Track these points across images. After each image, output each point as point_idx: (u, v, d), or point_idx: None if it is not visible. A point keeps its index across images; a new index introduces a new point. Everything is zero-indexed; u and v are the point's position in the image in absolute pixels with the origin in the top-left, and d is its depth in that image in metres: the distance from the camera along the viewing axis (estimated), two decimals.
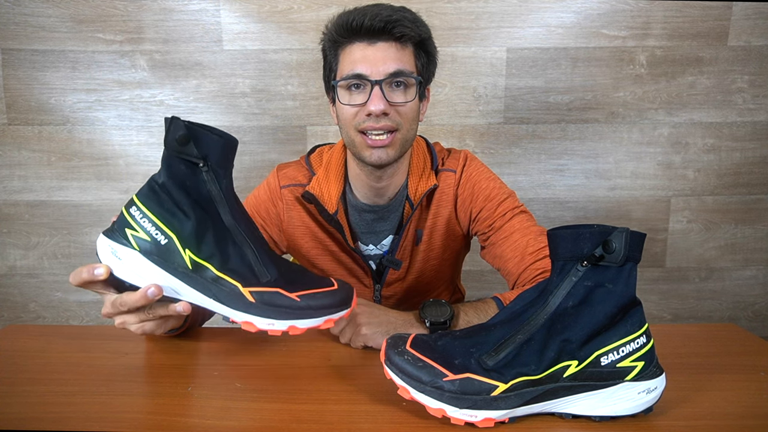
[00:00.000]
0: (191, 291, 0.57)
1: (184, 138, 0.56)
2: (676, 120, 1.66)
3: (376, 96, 0.80)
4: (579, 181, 1.69)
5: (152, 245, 0.57)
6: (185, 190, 0.57)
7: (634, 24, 1.59)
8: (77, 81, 1.60)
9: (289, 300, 0.56)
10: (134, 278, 0.58)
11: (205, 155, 0.57)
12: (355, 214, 0.95)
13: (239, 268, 0.57)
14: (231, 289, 0.56)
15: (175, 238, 0.56)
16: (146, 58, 1.59)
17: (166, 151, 0.58)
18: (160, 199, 0.57)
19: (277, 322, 0.56)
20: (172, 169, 0.57)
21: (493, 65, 1.61)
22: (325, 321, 0.58)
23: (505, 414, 0.52)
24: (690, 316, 1.77)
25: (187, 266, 0.57)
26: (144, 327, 0.62)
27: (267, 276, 0.57)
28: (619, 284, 0.53)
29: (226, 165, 0.60)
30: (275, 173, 0.97)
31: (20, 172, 1.66)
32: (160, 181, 0.58)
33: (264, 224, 0.96)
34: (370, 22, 0.79)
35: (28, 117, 1.62)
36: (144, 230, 0.57)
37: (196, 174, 0.58)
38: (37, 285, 1.73)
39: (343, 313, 0.60)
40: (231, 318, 0.57)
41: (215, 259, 0.57)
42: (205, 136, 0.57)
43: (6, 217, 1.68)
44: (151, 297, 0.56)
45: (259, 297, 0.56)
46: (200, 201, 0.58)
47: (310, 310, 0.57)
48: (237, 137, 0.62)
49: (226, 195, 0.59)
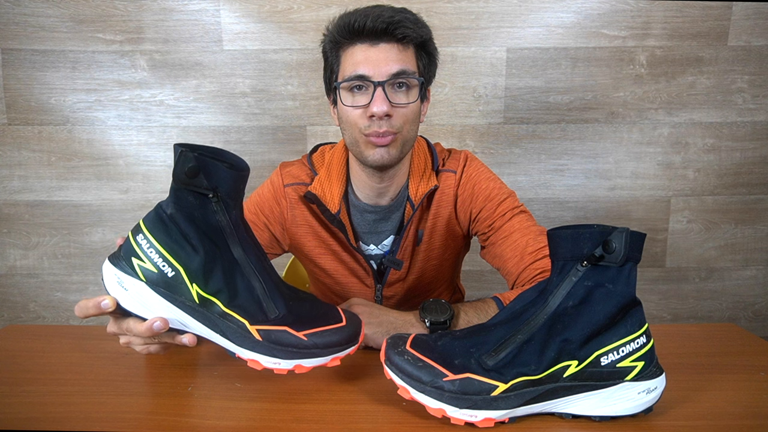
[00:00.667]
0: (198, 325, 0.57)
1: (194, 170, 0.54)
2: (676, 120, 1.66)
3: (379, 97, 0.80)
4: (579, 181, 1.69)
5: (159, 277, 0.56)
6: (194, 222, 0.56)
7: (634, 24, 1.59)
8: (77, 81, 1.60)
9: (296, 339, 0.56)
10: (140, 310, 0.57)
11: (215, 186, 0.56)
12: (357, 215, 0.95)
13: (247, 304, 0.56)
14: (238, 325, 0.56)
15: (183, 272, 0.55)
16: (146, 58, 1.59)
17: (174, 183, 0.56)
18: (168, 230, 0.56)
19: (283, 362, 0.56)
20: (181, 201, 0.56)
21: (493, 65, 1.61)
22: (332, 359, 0.58)
23: (505, 414, 0.52)
24: (690, 316, 1.77)
25: (195, 300, 0.56)
26: (149, 349, 0.62)
27: (275, 312, 0.57)
28: (619, 284, 0.53)
29: (237, 195, 0.59)
30: (279, 171, 0.97)
31: (20, 172, 1.66)
32: (168, 212, 0.56)
33: (267, 222, 0.96)
34: (372, 24, 0.79)
35: (28, 117, 1.62)
36: (151, 261, 0.55)
37: (205, 204, 0.56)
38: (37, 285, 1.73)
39: (349, 350, 0.59)
40: (237, 354, 0.57)
41: (223, 294, 0.56)
42: (216, 167, 0.56)
43: (6, 217, 1.68)
44: (156, 330, 0.56)
45: (266, 335, 0.55)
46: (209, 232, 0.57)
47: (317, 349, 0.56)
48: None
49: (236, 226, 0.58)
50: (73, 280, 1.73)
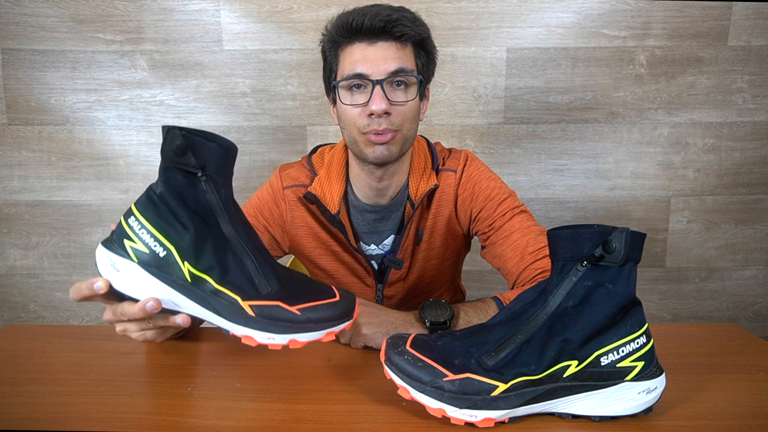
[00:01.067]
0: (191, 303, 0.57)
1: (182, 148, 0.54)
2: (676, 120, 1.66)
3: (378, 95, 0.80)
4: (579, 181, 1.69)
5: (151, 257, 0.56)
6: (183, 200, 0.56)
7: (634, 24, 1.59)
8: (77, 81, 1.60)
9: (289, 313, 0.55)
10: (133, 291, 0.57)
11: (203, 164, 0.56)
12: (357, 215, 0.95)
13: (239, 281, 0.56)
14: (231, 302, 0.56)
15: (174, 250, 0.55)
16: (146, 58, 1.59)
17: (162, 162, 0.56)
18: (158, 210, 0.56)
19: (278, 336, 0.56)
20: (170, 180, 0.56)
21: (493, 65, 1.61)
22: (327, 334, 0.57)
23: (505, 414, 0.52)
24: (690, 316, 1.77)
25: (186, 279, 0.56)
26: (145, 335, 0.62)
27: (267, 288, 0.57)
28: (619, 284, 0.53)
29: (226, 174, 0.59)
30: (278, 174, 0.97)
31: (20, 172, 1.66)
32: (158, 192, 0.57)
33: (267, 225, 0.96)
34: (370, 22, 0.79)
35: (28, 117, 1.62)
36: (142, 242, 0.56)
37: (195, 184, 0.56)
38: (37, 285, 1.73)
39: (344, 325, 0.59)
40: (231, 331, 0.57)
41: (214, 271, 0.56)
42: (204, 145, 0.56)
43: (6, 217, 1.68)
44: (149, 311, 0.56)
45: (259, 311, 0.55)
46: (199, 211, 0.57)
47: (311, 323, 0.56)
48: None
49: (225, 204, 0.58)
50: (73, 280, 1.71)
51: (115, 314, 0.60)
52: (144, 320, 0.60)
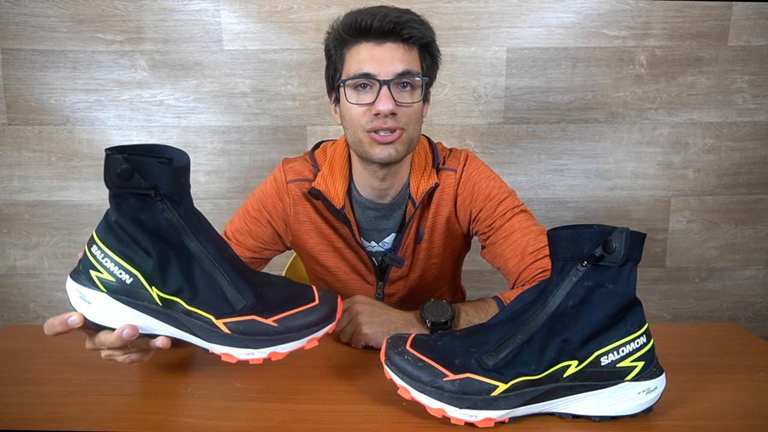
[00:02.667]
0: (165, 326, 0.56)
1: (127, 172, 0.51)
2: (676, 120, 1.65)
3: (385, 96, 0.80)
4: (579, 181, 1.69)
5: (118, 285, 0.54)
6: (140, 224, 0.54)
7: (634, 24, 1.59)
8: (77, 81, 1.60)
9: (265, 326, 0.54)
10: (107, 320, 0.55)
11: (154, 185, 0.53)
12: (360, 210, 0.95)
13: (210, 299, 0.55)
14: (204, 321, 0.54)
15: (140, 276, 0.54)
16: (146, 58, 1.59)
17: (110, 189, 0.54)
18: (118, 236, 0.54)
19: (256, 351, 0.54)
20: (122, 206, 0.54)
21: (493, 65, 1.61)
22: (309, 341, 0.56)
23: (505, 414, 0.52)
24: (690, 316, 1.77)
25: (157, 303, 0.54)
26: (131, 357, 0.60)
27: (242, 301, 0.55)
28: (619, 284, 0.53)
29: (181, 188, 0.56)
30: (281, 168, 0.97)
31: (20, 172, 1.66)
32: (113, 218, 0.54)
33: (270, 218, 0.96)
34: (380, 23, 0.80)
35: (28, 117, 1.62)
36: (108, 270, 0.54)
37: (149, 205, 0.54)
38: (37, 285, 1.73)
39: (326, 329, 0.58)
40: (210, 350, 0.56)
41: (184, 293, 0.54)
42: (150, 165, 0.53)
43: (6, 217, 1.68)
44: (126, 338, 0.55)
45: (234, 327, 0.54)
46: (158, 233, 0.54)
47: (290, 333, 0.55)
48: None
49: (187, 220, 0.55)
50: None
51: (95, 344, 0.58)
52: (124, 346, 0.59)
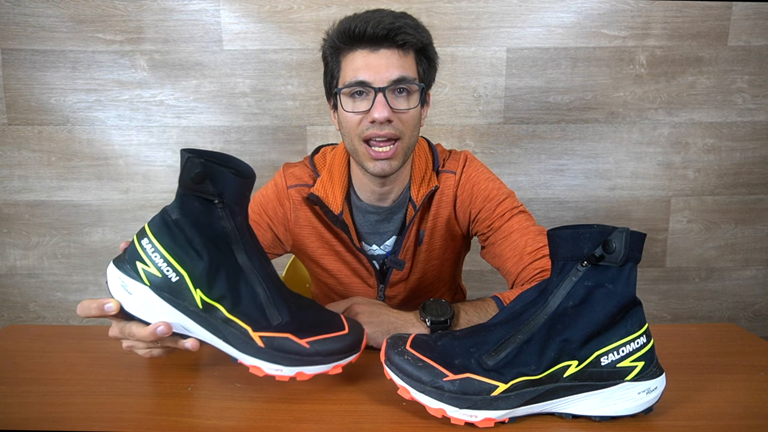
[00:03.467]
0: (201, 330, 0.57)
1: (200, 176, 0.54)
2: (676, 120, 1.66)
3: (380, 103, 0.79)
4: (579, 181, 1.69)
5: (163, 281, 0.55)
6: (198, 227, 0.56)
7: (634, 24, 1.59)
8: (77, 81, 1.60)
9: (298, 346, 0.56)
10: (144, 314, 0.56)
11: (221, 192, 0.56)
12: (360, 215, 0.95)
13: (250, 311, 0.56)
14: (241, 332, 0.56)
15: (187, 277, 0.55)
16: (146, 58, 1.59)
17: (180, 188, 0.56)
18: (173, 235, 0.56)
19: (285, 369, 0.56)
20: (186, 206, 0.56)
21: (493, 65, 1.61)
22: (334, 367, 0.58)
23: (505, 414, 0.52)
24: (690, 316, 1.77)
25: (198, 306, 0.56)
26: (152, 353, 0.62)
27: (278, 318, 0.56)
28: (619, 284, 0.53)
29: (242, 201, 0.59)
30: (282, 173, 0.97)
31: (20, 172, 1.66)
32: (173, 217, 0.56)
33: (271, 223, 0.96)
34: (373, 30, 0.79)
35: (28, 117, 1.62)
36: (155, 266, 0.55)
37: (211, 211, 0.56)
38: (37, 285, 1.73)
39: (351, 358, 0.59)
40: (239, 360, 0.57)
41: (226, 300, 0.56)
42: (222, 174, 0.55)
43: (6, 217, 1.68)
44: (159, 335, 0.56)
45: (269, 342, 0.55)
46: (214, 238, 0.56)
47: (319, 356, 0.56)
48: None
49: (241, 232, 0.58)
50: (73, 280, 1.73)
51: (122, 333, 0.59)
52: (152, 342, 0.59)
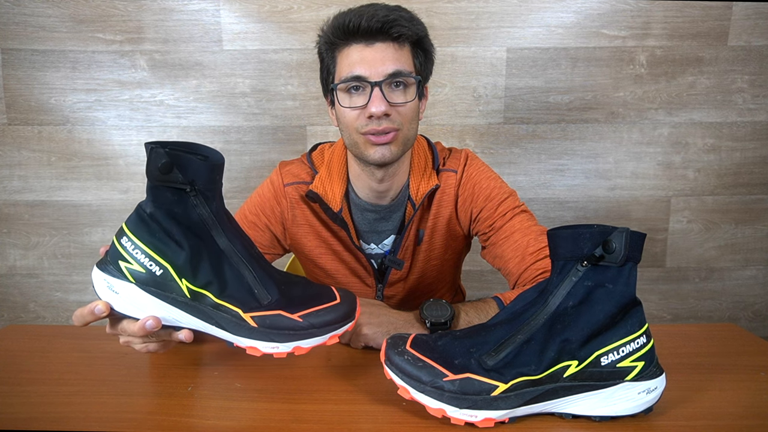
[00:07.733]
0: (192, 319, 0.57)
1: (167, 166, 0.54)
2: (676, 120, 1.65)
3: (377, 97, 0.80)
4: (579, 181, 1.69)
5: (147, 276, 0.55)
6: (174, 218, 0.56)
7: (634, 24, 1.59)
8: (77, 81, 1.60)
9: (291, 321, 0.56)
10: (133, 311, 0.57)
11: (191, 180, 0.55)
12: (358, 213, 0.95)
13: (238, 293, 0.56)
14: (232, 315, 0.56)
15: (171, 268, 0.55)
16: (146, 58, 1.59)
17: (149, 181, 0.56)
18: (151, 229, 0.56)
19: (281, 345, 0.56)
20: (159, 198, 0.56)
21: (493, 65, 1.61)
22: (330, 337, 0.58)
23: (505, 414, 0.52)
24: (690, 316, 1.77)
25: (186, 295, 0.56)
26: (148, 347, 0.62)
27: (268, 297, 0.57)
28: (619, 284, 0.53)
29: (215, 186, 0.58)
30: (278, 171, 0.97)
31: (20, 172, 1.66)
32: (148, 211, 0.56)
33: (268, 222, 0.95)
34: (367, 23, 0.79)
35: (28, 117, 1.62)
36: (137, 262, 0.55)
37: (184, 200, 0.56)
38: (37, 285, 1.73)
39: (347, 327, 0.59)
40: (235, 343, 0.57)
41: (213, 286, 0.56)
42: (189, 160, 0.55)
43: (6, 217, 1.68)
44: (149, 329, 0.56)
45: (261, 321, 0.56)
46: (191, 227, 0.56)
47: (314, 329, 0.56)
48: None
49: (218, 217, 0.58)
50: (73, 280, 1.73)
51: (115, 330, 0.60)
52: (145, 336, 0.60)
